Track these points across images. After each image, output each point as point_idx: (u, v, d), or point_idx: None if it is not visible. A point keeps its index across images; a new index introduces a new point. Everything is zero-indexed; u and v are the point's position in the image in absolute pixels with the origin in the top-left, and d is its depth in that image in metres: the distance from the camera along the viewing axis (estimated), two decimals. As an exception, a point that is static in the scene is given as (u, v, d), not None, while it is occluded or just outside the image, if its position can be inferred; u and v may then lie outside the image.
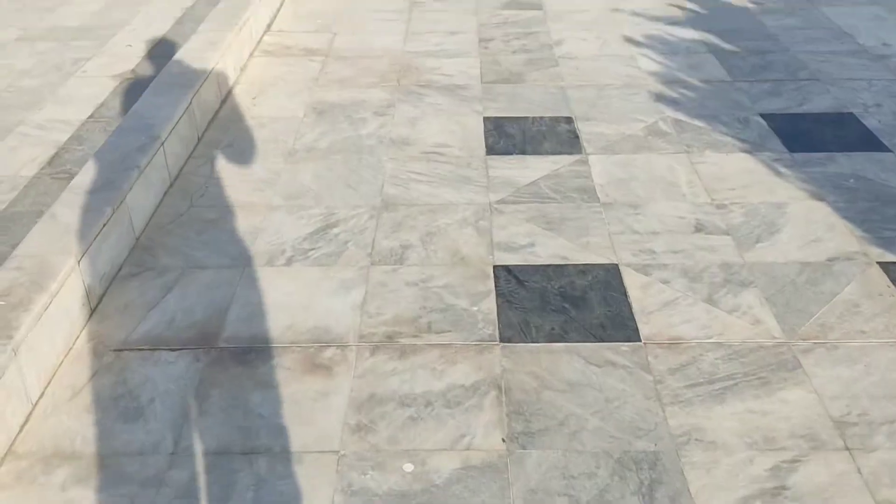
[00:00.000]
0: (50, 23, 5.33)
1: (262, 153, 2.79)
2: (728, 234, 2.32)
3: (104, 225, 2.07)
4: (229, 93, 3.21)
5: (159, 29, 5.36)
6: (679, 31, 3.80)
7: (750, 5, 4.11)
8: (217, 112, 3.09)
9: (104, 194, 2.16)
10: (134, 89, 4.60)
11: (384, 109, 3.10)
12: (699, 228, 2.35)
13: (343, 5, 4.22)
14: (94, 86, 4.49)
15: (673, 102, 3.11)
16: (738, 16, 3.99)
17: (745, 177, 2.61)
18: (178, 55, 3.14)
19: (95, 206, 2.11)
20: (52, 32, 5.18)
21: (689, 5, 4.12)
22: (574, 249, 2.27)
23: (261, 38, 3.73)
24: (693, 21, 3.92)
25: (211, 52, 3.10)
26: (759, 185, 2.55)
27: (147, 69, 4.76)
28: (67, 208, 2.10)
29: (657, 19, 3.95)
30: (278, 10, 4.07)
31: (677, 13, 4.03)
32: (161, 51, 5.24)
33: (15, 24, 5.25)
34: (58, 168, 2.98)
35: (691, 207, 2.45)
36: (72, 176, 2.70)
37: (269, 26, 3.88)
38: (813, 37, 3.71)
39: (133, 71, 4.70)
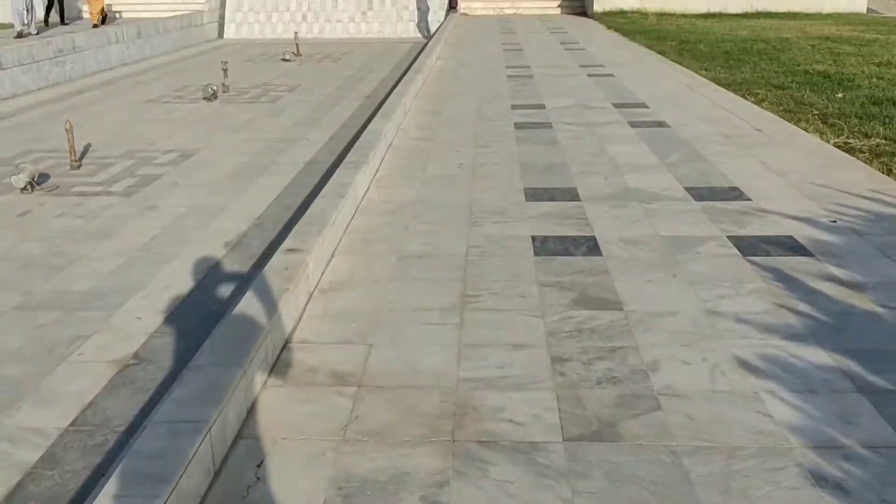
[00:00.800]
0: (57, 285, 4.77)
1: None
2: None
3: None
4: (225, 458, 2.39)
5: (176, 296, 4.82)
6: (805, 352, 3.00)
7: (879, 309, 3.34)
8: (203, 501, 2.24)
9: None
10: (130, 384, 3.91)
11: (435, 492, 2.24)
12: None
13: (381, 300, 3.53)
14: (86, 376, 3.84)
15: (838, 490, 2.21)
16: (872, 327, 3.19)
17: None
18: (163, 411, 2.35)
19: None
20: (57, 298, 4.61)
21: (803, 307, 3.37)
22: None
23: (279, 354, 3.00)
24: (817, 334, 3.13)
25: (210, 406, 2.32)
26: None
27: (151, 355, 4.13)
28: None
29: (770, 330, 3.17)
30: (304, 309, 3.40)
31: (792, 320, 3.26)
32: (172, 328, 4.63)
33: (18, 286, 4.71)
34: (16, 508, 2.26)
35: None
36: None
37: (291, 334, 3.17)
38: None
39: (136, 355, 4.05)
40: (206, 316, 4.33)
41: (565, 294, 3.55)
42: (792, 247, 4.06)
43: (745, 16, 17.50)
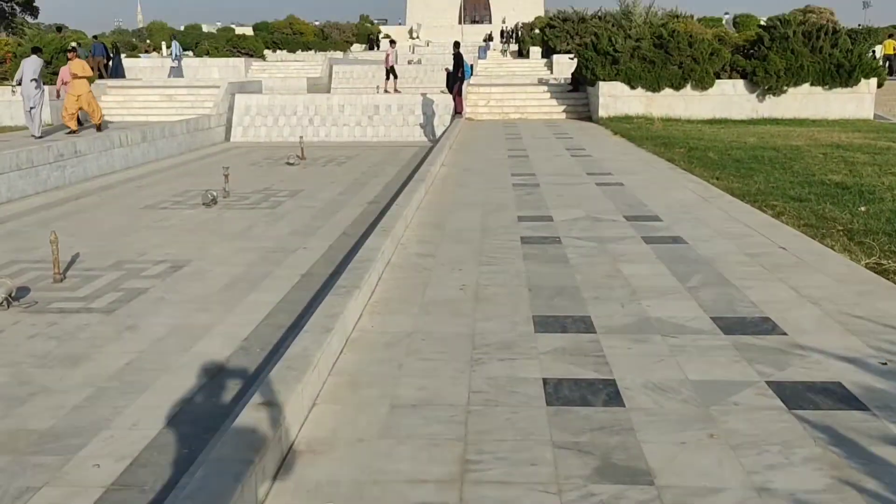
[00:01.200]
0: (14, 422, 4.26)
1: None
2: None
3: None
4: None
5: (142, 437, 4.28)
6: (884, 552, 2.44)
7: (963, 487, 2.80)
8: None
9: None
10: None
11: None
12: None
13: (366, 467, 2.97)
14: (26, 547, 3.23)
15: None
16: (958, 514, 2.65)
17: None
18: None
19: None
20: (12, 439, 4.08)
21: (869, 484, 2.81)
22: None
23: (236, 550, 2.45)
24: (894, 524, 2.59)
25: None
26: None
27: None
28: None
29: (837, 518, 2.62)
30: (274, 479, 2.85)
31: (857, 499, 2.71)
32: (133, 479, 4.07)
33: (-24, 421, 4.20)
34: None
35: None
36: None
37: (254, 519, 2.63)
38: None
39: (87, 520, 3.47)
40: (174, 462, 3.80)
41: (584, 461, 3.01)
42: (843, 397, 3.52)
43: (751, 122, 17.53)
